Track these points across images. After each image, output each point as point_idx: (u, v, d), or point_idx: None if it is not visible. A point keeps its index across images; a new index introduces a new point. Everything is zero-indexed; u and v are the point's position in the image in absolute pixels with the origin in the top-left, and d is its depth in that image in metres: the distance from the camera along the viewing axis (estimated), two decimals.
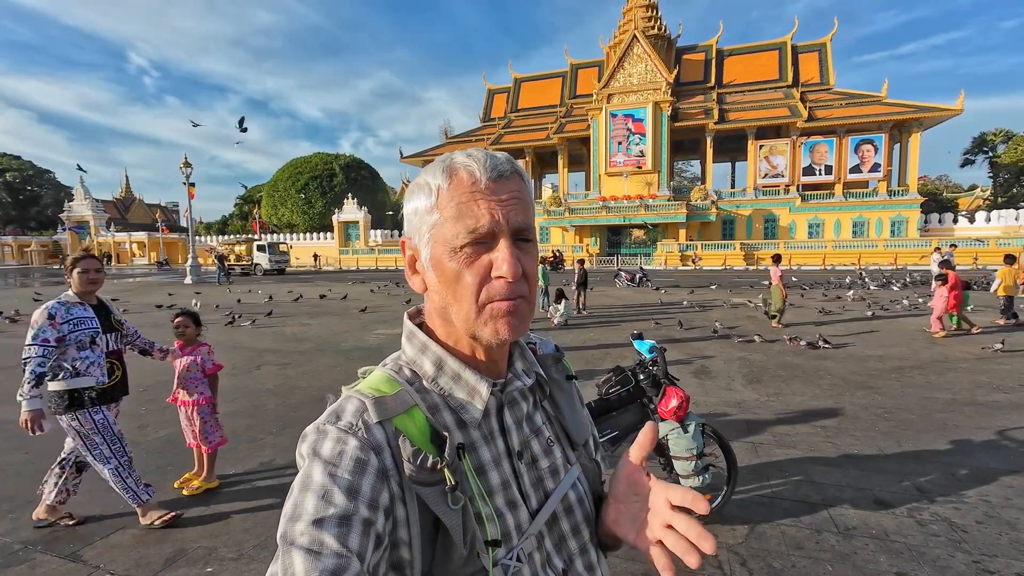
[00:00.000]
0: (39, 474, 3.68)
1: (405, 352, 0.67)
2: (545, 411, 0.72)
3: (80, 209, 53.58)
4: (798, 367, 6.62)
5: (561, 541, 0.66)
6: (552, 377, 0.74)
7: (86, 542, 2.83)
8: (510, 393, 0.66)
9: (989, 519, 2.96)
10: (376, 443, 0.55)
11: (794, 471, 3.63)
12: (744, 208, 36.43)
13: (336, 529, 0.49)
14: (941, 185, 58.11)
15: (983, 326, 9.10)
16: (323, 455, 0.54)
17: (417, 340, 0.66)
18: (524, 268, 0.59)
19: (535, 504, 0.64)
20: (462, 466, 0.58)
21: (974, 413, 4.75)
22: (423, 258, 0.62)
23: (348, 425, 0.56)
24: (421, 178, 0.63)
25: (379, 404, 0.58)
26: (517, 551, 0.59)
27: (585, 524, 0.69)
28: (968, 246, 28.50)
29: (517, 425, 0.66)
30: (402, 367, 0.65)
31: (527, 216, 0.61)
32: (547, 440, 0.69)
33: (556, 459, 0.69)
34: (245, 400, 5.44)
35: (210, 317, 11.81)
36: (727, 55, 41.99)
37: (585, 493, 0.70)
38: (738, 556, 2.67)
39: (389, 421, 0.57)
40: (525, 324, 0.60)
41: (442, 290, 0.61)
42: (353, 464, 0.53)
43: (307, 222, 50.71)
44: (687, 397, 2.83)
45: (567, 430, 0.72)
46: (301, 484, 0.53)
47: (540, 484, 0.66)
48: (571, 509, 0.68)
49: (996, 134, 47.60)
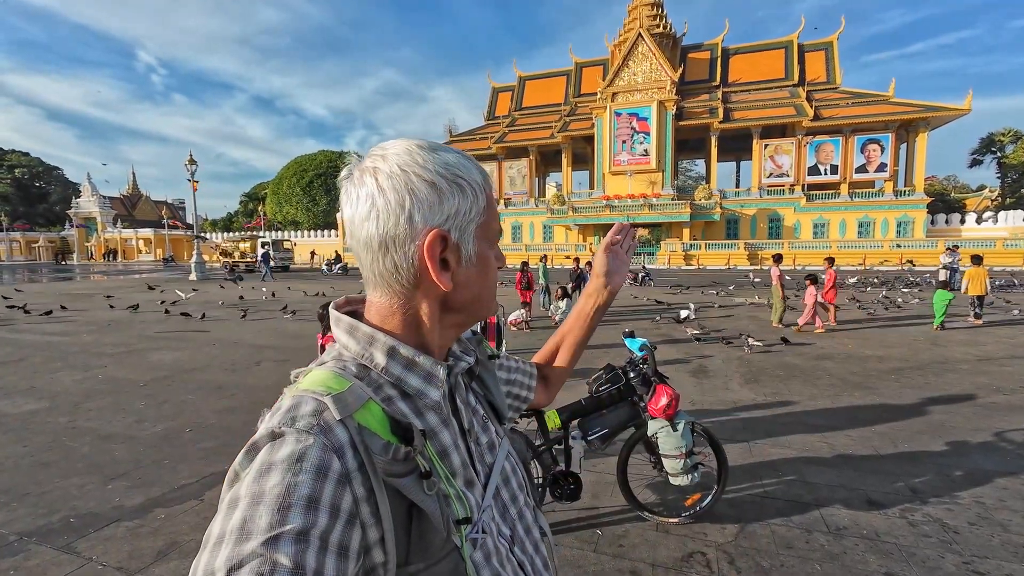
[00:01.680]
0: (36, 467, 3.74)
1: (348, 348, 0.63)
2: (474, 391, 0.77)
3: (87, 206, 54.01)
4: (797, 367, 6.59)
5: (504, 509, 0.70)
6: (478, 358, 0.78)
7: (80, 534, 2.86)
8: (455, 374, 0.69)
9: (982, 520, 2.94)
10: (338, 445, 0.52)
11: (787, 471, 3.62)
12: (748, 208, 36.26)
13: (293, 547, 0.45)
14: (949, 185, 57.63)
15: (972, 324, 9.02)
16: (279, 463, 0.49)
17: (362, 332, 0.63)
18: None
19: (483, 478, 0.68)
20: (427, 451, 0.59)
21: (972, 414, 4.72)
22: (464, 254, 0.63)
23: (308, 426, 0.52)
24: (465, 175, 0.62)
25: (339, 400, 0.54)
26: (480, 523, 0.62)
27: (519, 491, 0.74)
28: (973, 247, 28.25)
29: (464, 405, 0.69)
30: (346, 363, 0.62)
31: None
32: (482, 417, 0.74)
33: (492, 434, 0.74)
34: (243, 396, 5.48)
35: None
36: (732, 54, 41.77)
37: (516, 463, 0.77)
38: (727, 555, 2.67)
39: (351, 418, 0.54)
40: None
41: (478, 281, 0.66)
42: (313, 470, 0.49)
43: (311, 220, 50.91)
44: (677, 395, 2.83)
45: (495, 406, 0.79)
46: (251, 496, 0.47)
47: (482, 459, 0.69)
48: (508, 479, 0.73)
49: (1005, 134, 47.14)
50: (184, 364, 6.98)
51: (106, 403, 5.25)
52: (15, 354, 7.70)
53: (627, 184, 37.47)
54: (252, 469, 0.50)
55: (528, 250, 34.89)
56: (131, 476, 3.59)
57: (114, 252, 52.75)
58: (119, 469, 3.70)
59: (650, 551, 2.71)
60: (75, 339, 8.94)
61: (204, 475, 3.60)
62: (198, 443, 4.18)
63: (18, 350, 8.00)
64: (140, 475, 3.61)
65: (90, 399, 5.38)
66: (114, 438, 4.30)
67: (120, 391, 5.68)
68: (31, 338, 9.08)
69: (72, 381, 6.12)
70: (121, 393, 5.60)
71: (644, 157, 37.40)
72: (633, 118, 37.42)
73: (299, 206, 51.08)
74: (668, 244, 34.69)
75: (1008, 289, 16.07)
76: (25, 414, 4.92)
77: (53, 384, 5.99)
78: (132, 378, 6.24)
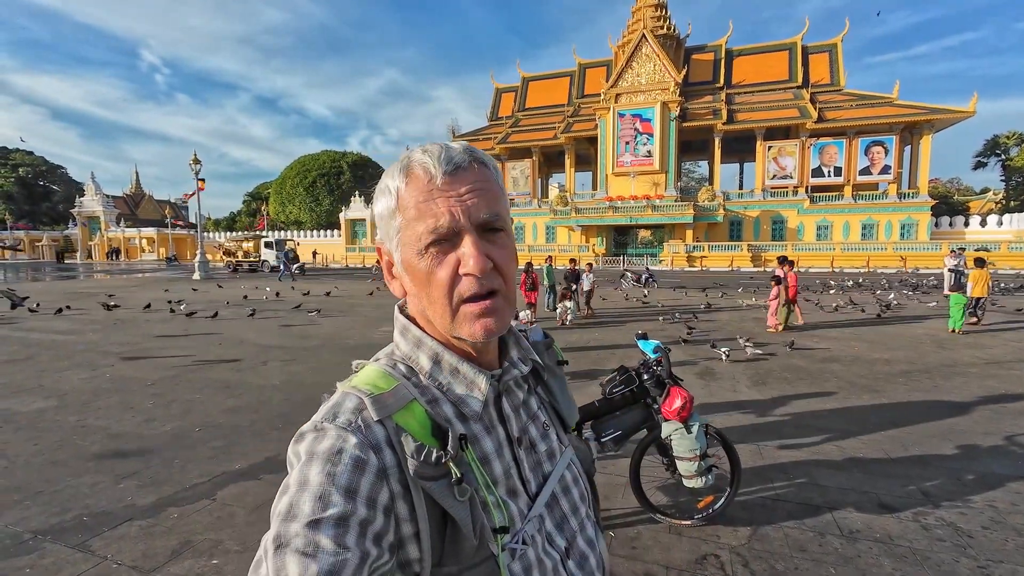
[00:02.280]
0: (48, 466, 3.75)
1: (399, 347, 0.66)
2: (539, 396, 0.73)
3: (91, 205, 54.12)
4: (803, 369, 6.58)
5: (563, 520, 0.67)
6: (545, 363, 0.75)
7: (94, 533, 2.87)
8: (507, 382, 0.66)
9: (995, 525, 2.93)
10: (375, 441, 0.54)
11: (798, 473, 3.61)
12: (752, 209, 36.20)
13: (333, 530, 0.48)
14: (952, 188, 57.47)
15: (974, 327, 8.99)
16: (321, 454, 0.52)
17: (412, 335, 0.65)
18: (495, 260, 0.58)
19: (535, 487, 0.65)
20: (466, 457, 0.58)
21: (982, 418, 4.71)
22: (396, 263, 0.62)
23: (347, 423, 0.55)
24: (383, 180, 0.62)
25: (378, 401, 0.56)
26: (522, 534, 0.60)
27: (581, 502, 0.71)
28: (977, 249, 28.15)
29: (515, 412, 0.66)
30: (396, 362, 0.64)
31: (493, 206, 0.59)
32: (543, 424, 0.70)
33: (552, 442, 0.70)
34: (250, 395, 5.48)
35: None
36: (736, 55, 41.72)
37: (580, 473, 0.73)
38: (740, 557, 2.67)
39: (389, 418, 0.56)
40: (503, 321, 0.59)
41: (418, 292, 0.61)
42: (352, 463, 0.52)
43: (314, 220, 50.97)
44: (691, 398, 2.82)
45: (560, 413, 0.75)
46: (298, 483, 0.51)
47: (539, 468, 0.67)
48: (568, 489, 0.70)
49: (1009, 137, 46.96)
50: (191, 363, 6.99)
51: (114, 402, 5.26)
52: (21, 352, 7.73)
53: (630, 185, 37.44)
54: (300, 458, 0.54)
55: (531, 251, 34.86)
56: (142, 475, 3.60)
57: (117, 251, 52.86)
58: (130, 468, 3.71)
59: (664, 553, 2.71)
60: (81, 337, 8.96)
61: (215, 474, 3.61)
62: (208, 442, 4.19)
63: (24, 348, 8.03)
64: (151, 474, 3.62)
65: (98, 398, 5.40)
66: (124, 437, 4.31)
67: (128, 390, 5.69)
68: (37, 336, 9.11)
69: (80, 380, 6.13)
70: (129, 392, 5.61)
71: (647, 158, 37.37)
72: (636, 119, 37.40)
73: (302, 206, 51.14)
74: (671, 245, 34.65)
75: (1012, 292, 16.00)
76: (34, 412, 4.93)
77: (61, 383, 6.00)
78: (140, 377, 6.26)
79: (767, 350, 7.74)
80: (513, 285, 0.62)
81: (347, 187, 49.51)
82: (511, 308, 0.61)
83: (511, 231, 0.63)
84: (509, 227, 0.62)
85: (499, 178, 0.63)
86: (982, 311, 9.96)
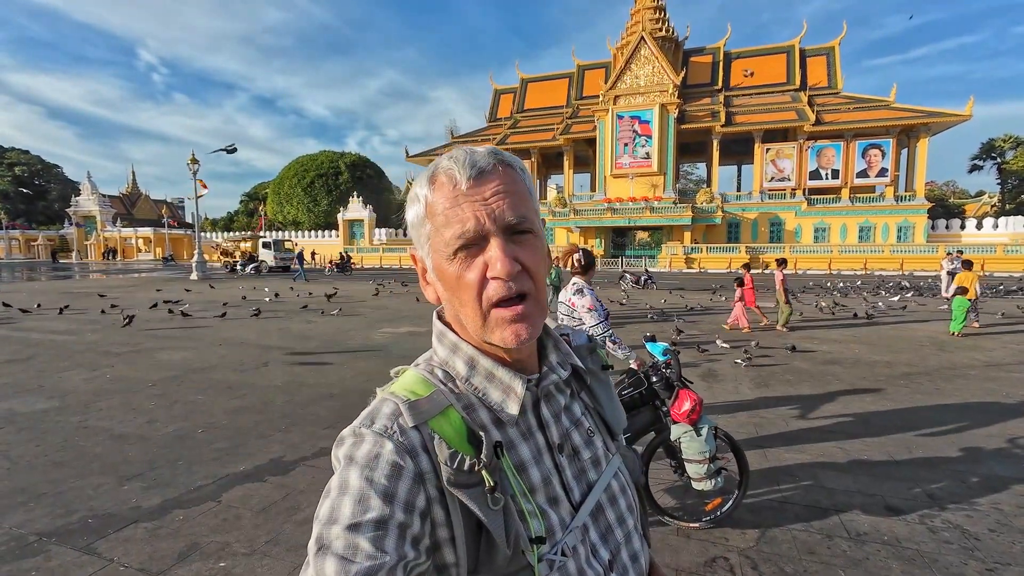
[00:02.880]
0: (51, 467, 3.72)
1: (437, 352, 0.66)
2: (583, 402, 0.72)
3: (87, 204, 53.90)
4: (806, 372, 6.60)
5: (608, 531, 0.66)
6: (588, 368, 0.74)
7: (99, 535, 2.85)
8: (546, 387, 0.65)
9: (1002, 527, 2.94)
10: (412, 446, 0.55)
11: (804, 476, 3.62)
12: (750, 211, 36.32)
13: (372, 533, 0.49)
14: (948, 191, 57.77)
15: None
16: (359, 459, 0.54)
17: (448, 340, 0.65)
18: (523, 262, 0.58)
19: (578, 496, 0.64)
20: (501, 464, 0.57)
21: (984, 420, 4.72)
22: (429, 269, 0.63)
23: (383, 428, 0.55)
24: (412, 189, 0.63)
25: (414, 408, 0.57)
26: (562, 545, 0.59)
27: (629, 513, 0.69)
28: (973, 252, 28.31)
29: (555, 418, 0.65)
30: (434, 368, 0.65)
31: (520, 208, 0.58)
32: (587, 431, 0.68)
33: (597, 449, 0.69)
34: (253, 396, 5.46)
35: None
36: (735, 58, 41.88)
37: (627, 482, 0.71)
38: (749, 560, 2.67)
39: (425, 424, 0.57)
40: (535, 326, 0.59)
41: (450, 298, 0.61)
42: (389, 468, 0.53)
43: (312, 220, 50.85)
44: (700, 400, 2.82)
45: (605, 420, 0.73)
46: (338, 487, 0.53)
47: (583, 476, 0.66)
48: (615, 499, 0.68)
49: (1005, 140, 47.28)
50: (192, 364, 6.96)
51: (116, 403, 5.23)
52: (22, 352, 7.68)
53: (629, 187, 37.50)
54: (340, 462, 0.56)
55: None
56: (147, 477, 3.58)
57: (113, 251, 52.65)
58: (134, 469, 3.69)
59: (673, 556, 2.71)
60: (80, 338, 8.92)
61: (220, 476, 3.59)
62: (211, 443, 4.17)
63: (24, 348, 7.98)
64: (155, 476, 3.60)
65: (100, 398, 5.37)
66: (127, 438, 4.28)
67: (130, 390, 5.67)
68: (37, 336, 9.06)
69: (81, 380, 6.10)
70: (131, 392, 5.59)
71: (646, 160, 37.46)
72: (635, 121, 37.50)
73: (300, 206, 51.02)
74: (669, 247, 34.73)
75: (1008, 295, 16.09)
76: (36, 413, 4.90)
77: (62, 383, 5.97)
78: (141, 377, 6.23)
79: (762, 352, 7.76)
80: (544, 287, 0.61)
81: (345, 187, 49.40)
82: (543, 312, 0.60)
83: (541, 232, 0.62)
84: (538, 228, 0.61)
85: (527, 179, 0.62)
86: (975, 313, 10.02)
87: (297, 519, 3.02)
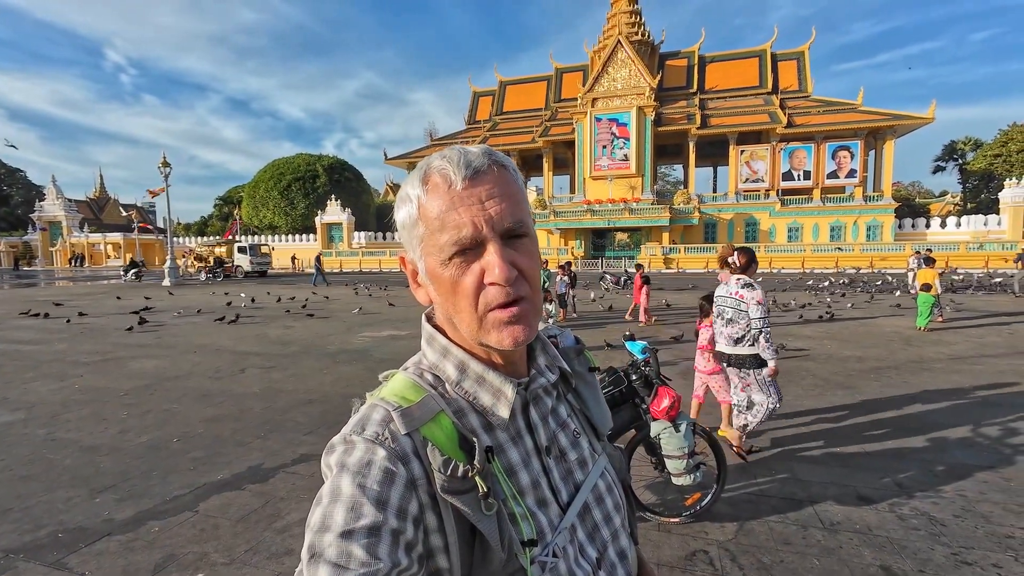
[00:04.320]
0: (17, 481, 3.59)
1: (426, 356, 0.66)
2: (569, 403, 0.72)
3: (52, 209, 52.01)
4: (780, 368, 6.74)
5: (594, 530, 0.67)
6: (575, 370, 0.74)
7: (70, 550, 2.76)
8: (534, 390, 0.65)
9: (966, 513, 3.07)
10: (403, 453, 0.55)
11: (780, 469, 3.72)
12: (726, 212, 37.04)
13: (365, 540, 0.49)
14: (914, 191, 59.83)
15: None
16: (351, 466, 0.53)
17: (438, 344, 0.65)
18: (520, 267, 0.57)
19: (565, 497, 0.64)
20: (492, 469, 0.58)
21: (949, 411, 4.91)
22: (421, 271, 0.62)
23: (375, 435, 0.55)
24: (403, 188, 0.62)
25: (406, 415, 0.57)
26: (552, 546, 0.59)
27: (615, 511, 0.70)
28: (938, 250, 29.38)
29: (543, 421, 0.65)
30: (424, 372, 0.64)
31: (516, 212, 0.58)
32: (573, 432, 0.69)
33: (583, 450, 0.69)
34: (230, 404, 5.35)
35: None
36: (709, 61, 42.71)
37: (613, 481, 0.72)
38: (728, 552, 2.73)
39: (416, 431, 0.56)
40: (531, 327, 0.58)
41: (443, 302, 0.60)
42: (381, 475, 0.52)
43: (289, 224, 50.04)
44: (679, 397, 2.88)
45: (592, 421, 0.73)
46: (330, 495, 0.52)
47: (570, 476, 0.66)
48: (601, 498, 0.69)
49: (966, 142, 49.21)
50: (166, 372, 6.79)
51: (86, 413, 5.07)
52: None
53: (608, 188, 37.89)
54: (332, 469, 0.55)
55: None
56: (119, 488, 3.48)
57: (81, 257, 50.89)
58: (106, 481, 3.59)
59: (654, 551, 2.76)
60: (48, 347, 8.61)
61: (197, 485, 3.51)
62: (187, 453, 4.07)
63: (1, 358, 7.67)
64: (129, 487, 3.50)
65: (69, 409, 5.20)
66: (98, 449, 4.16)
67: (100, 400, 5.50)
68: (0, 347, 8.72)
69: (48, 391, 5.89)
70: (101, 403, 5.42)
71: (624, 162, 37.91)
72: (613, 123, 37.93)
73: (276, 210, 50.14)
74: (648, 248, 35.16)
75: (967, 292, 16.74)
76: (0, 426, 4.72)
77: (28, 394, 5.76)
78: (112, 387, 6.05)
79: None
80: (539, 291, 0.61)
81: (323, 191, 48.74)
82: (538, 315, 0.60)
83: (534, 235, 0.62)
84: (532, 231, 0.61)
85: (520, 180, 0.62)
86: (939, 308, 10.38)
87: (277, 527, 2.98)
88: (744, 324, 3.79)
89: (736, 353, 3.87)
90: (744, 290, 3.77)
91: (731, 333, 3.87)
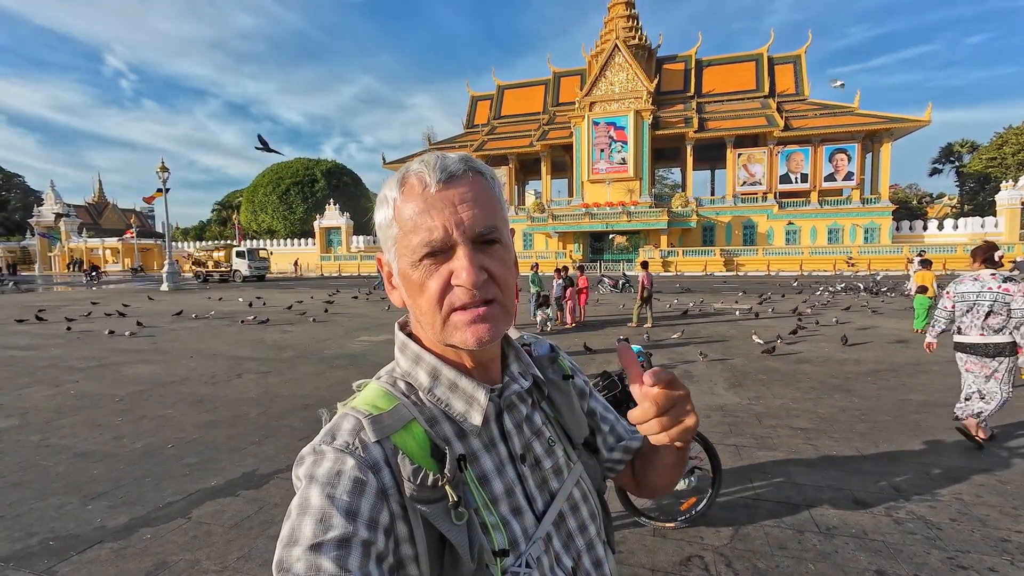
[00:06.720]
0: (9, 488, 3.57)
1: (399, 364, 0.65)
2: (544, 412, 0.71)
3: (50, 214, 51.97)
4: (777, 371, 6.75)
5: (569, 539, 0.66)
6: (549, 378, 0.73)
7: (61, 557, 2.74)
8: (508, 397, 0.65)
9: (962, 516, 3.05)
10: (374, 462, 0.54)
11: (776, 473, 3.70)
12: (724, 215, 37.10)
13: (335, 552, 0.48)
14: (911, 193, 60.00)
15: None
16: (320, 477, 0.52)
17: (410, 351, 0.64)
18: (490, 271, 0.57)
19: (541, 505, 0.64)
20: (464, 478, 0.57)
21: (945, 414, 4.89)
22: (395, 272, 0.62)
23: (344, 444, 0.54)
24: (382, 191, 0.62)
25: (376, 422, 0.56)
26: (526, 556, 0.58)
27: (591, 520, 0.69)
28: (936, 252, 29.44)
29: (517, 429, 0.65)
30: (397, 380, 0.64)
31: (489, 218, 0.58)
32: (548, 440, 0.68)
33: (558, 459, 0.68)
34: (226, 410, 5.33)
35: None
36: (706, 65, 42.87)
37: (589, 490, 0.71)
38: (723, 557, 2.71)
39: (387, 439, 0.56)
40: (497, 328, 0.58)
41: (411, 303, 0.60)
42: (352, 485, 0.52)
43: (288, 228, 50.04)
44: None
45: (567, 429, 0.73)
46: (299, 508, 0.51)
47: (545, 485, 0.65)
48: (577, 507, 0.68)
49: (962, 145, 49.42)
50: (161, 377, 6.76)
51: (80, 419, 5.05)
52: None
53: (605, 192, 37.95)
54: (301, 481, 0.54)
55: None
56: (112, 495, 3.46)
57: (80, 262, 50.79)
58: (99, 488, 3.56)
59: (649, 556, 2.74)
60: (42, 352, 8.58)
61: (190, 492, 3.49)
62: (181, 459, 4.05)
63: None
64: (122, 494, 3.48)
65: (63, 415, 5.17)
66: (91, 456, 4.13)
67: (94, 406, 5.47)
68: None
69: (42, 397, 5.87)
70: (96, 408, 5.40)
71: (622, 166, 37.99)
72: (611, 127, 38.02)
73: (275, 214, 50.17)
74: (646, 251, 35.18)
75: None
76: None
77: (22, 400, 5.73)
78: (106, 393, 6.02)
79: (738, 353, 7.92)
80: (511, 295, 0.60)
81: (321, 195, 48.79)
82: (508, 318, 0.59)
83: (509, 242, 0.61)
84: (506, 238, 0.61)
85: (497, 188, 0.62)
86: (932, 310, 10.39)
87: (271, 533, 2.96)
88: (1005, 315, 4.05)
89: (995, 342, 4.12)
90: (1008, 284, 4.08)
91: (992, 324, 4.11)
